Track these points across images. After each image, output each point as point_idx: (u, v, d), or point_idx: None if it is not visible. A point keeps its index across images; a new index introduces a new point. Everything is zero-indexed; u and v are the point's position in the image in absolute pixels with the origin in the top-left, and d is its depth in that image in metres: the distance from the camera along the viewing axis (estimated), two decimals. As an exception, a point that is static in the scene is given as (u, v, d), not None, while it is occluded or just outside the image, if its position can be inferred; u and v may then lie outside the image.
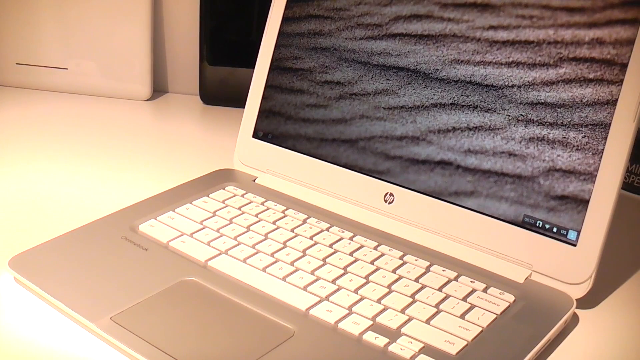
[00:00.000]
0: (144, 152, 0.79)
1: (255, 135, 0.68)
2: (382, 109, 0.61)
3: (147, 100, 0.95)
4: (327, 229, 0.59)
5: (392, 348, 0.46)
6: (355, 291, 0.52)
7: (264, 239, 0.58)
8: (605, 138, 0.51)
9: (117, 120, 0.88)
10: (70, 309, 0.49)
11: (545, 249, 0.53)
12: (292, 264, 0.54)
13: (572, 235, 0.52)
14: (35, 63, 0.94)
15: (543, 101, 0.54)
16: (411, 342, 0.47)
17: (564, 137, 0.53)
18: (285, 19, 0.68)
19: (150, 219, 0.60)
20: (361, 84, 0.62)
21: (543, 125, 0.54)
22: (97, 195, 0.68)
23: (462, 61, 0.58)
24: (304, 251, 0.56)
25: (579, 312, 0.53)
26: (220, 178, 0.68)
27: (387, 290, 0.52)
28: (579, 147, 0.52)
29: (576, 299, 0.52)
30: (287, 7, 0.68)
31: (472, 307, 0.50)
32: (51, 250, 0.55)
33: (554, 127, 0.54)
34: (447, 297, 0.51)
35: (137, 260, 0.55)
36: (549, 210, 0.53)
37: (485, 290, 0.52)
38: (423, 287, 0.52)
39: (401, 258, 0.56)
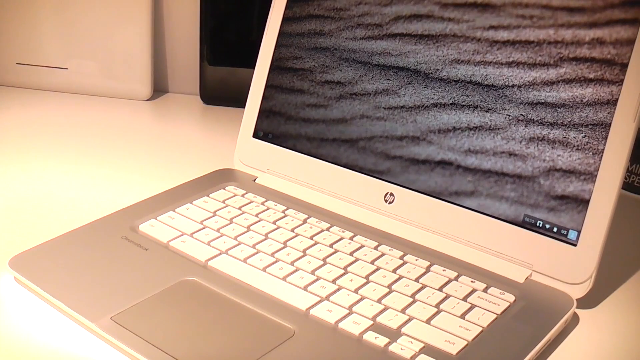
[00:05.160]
0: (144, 152, 0.79)
1: (256, 135, 0.68)
2: (383, 108, 0.61)
3: (147, 100, 0.95)
4: (328, 229, 0.59)
5: (393, 348, 0.46)
6: (356, 291, 0.52)
7: (264, 239, 0.58)
8: (606, 138, 0.51)
9: (117, 120, 0.88)
10: (70, 309, 0.49)
11: (545, 248, 0.53)
12: (292, 263, 0.54)
13: (572, 235, 0.52)
14: (35, 63, 0.94)
15: (543, 101, 0.54)
16: (411, 342, 0.47)
17: (564, 137, 0.53)
18: (286, 19, 0.68)
19: (151, 219, 0.60)
20: (361, 84, 0.62)
21: (543, 125, 0.54)
22: (97, 195, 0.68)
23: (462, 61, 0.58)
24: (304, 251, 0.56)
25: (579, 312, 0.53)
26: (221, 178, 0.68)
27: (388, 290, 0.52)
28: (579, 147, 0.52)
29: (576, 299, 0.52)
30: (287, 7, 0.68)
31: (472, 307, 0.50)
32: (51, 250, 0.55)
33: (554, 127, 0.54)
34: (447, 297, 0.51)
35: (137, 260, 0.55)
36: (549, 210, 0.53)
37: (485, 290, 0.52)
38: (423, 287, 0.52)
39: (401, 258, 0.56)
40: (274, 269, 0.54)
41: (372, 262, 0.55)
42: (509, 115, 0.55)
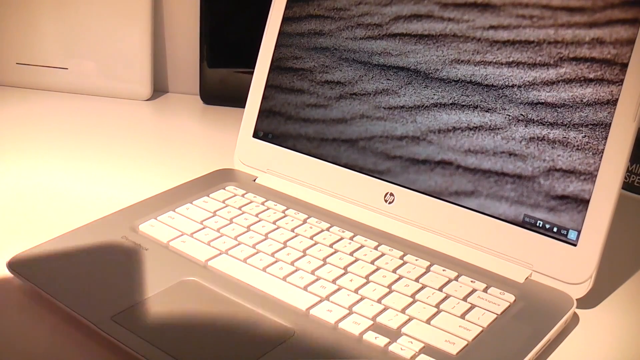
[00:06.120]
0: (144, 152, 0.79)
1: (256, 135, 0.68)
2: (383, 108, 0.61)
3: (147, 100, 0.95)
4: (328, 229, 0.59)
5: (393, 348, 0.46)
6: (356, 291, 0.52)
7: (264, 239, 0.58)
8: (606, 138, 0.51)
9: (117, 120, 0.88)
10: (70, 309, 0.49)
11: (545, 248, 0.53)
12: (292, 263, 0.54)
13: (572, 235, 0.52)
14: (35, 63, 0.94)
15: (543, 101, 0.54)
16: (411, 342, 0.47)
17: (564, 137, 0.53)
18: (286, 19, 0.68)
19: (151, 219, 0.60)
20: (361, 84, 0.62)
21: (543, 125, 0.54)
22: (97, 195, 0.68)
23: (462, 61, 0.58)
24: (304, 251, 0.56)
25: (579, 312, 0.53)
26: (221, 178, 0.68)
27: (388, 290, 0.52)
28: (579, 147, 0.52)
29: (576, 299, 0.52)
30: (287, 7, 0.68)
31: (472, 307, 0.50)
32: (51, 250, 0.55)
33: (554, 127, 0.54)
34: (447, 297, 0.51)
35: (137, 260, 0.55)
36: (549, 210, 0.53)
37: (485, 290, 0.52)
38: (423, 287, 0.52)
39: (401, 258, 0.56)
40: (274, 269, 0.54)
41: (372, 262, 0.55)
42: (509, 115, 0.55)
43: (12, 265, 0.53)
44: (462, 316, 0.49)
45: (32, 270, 0.52)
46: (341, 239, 0.58)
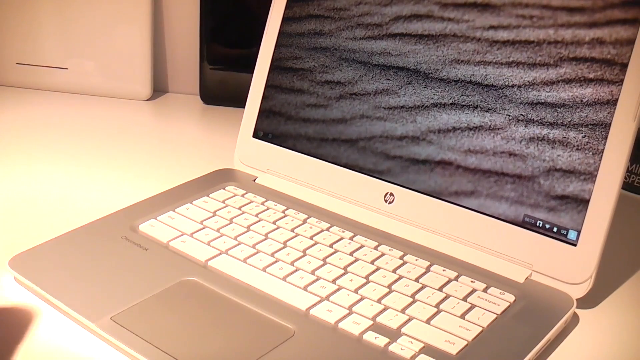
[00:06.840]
0: (144, 152, 0.79)
1: (256, 135, 0.68)
2: (382, 108, 0.61)
3: (147, 100, 0.95)
4: (328, 229, 0.59)
5: (393, 348, 0.46)
6: (356, 291, 0.52)
7: (264, 239, 0.58)
8: (606, 138, 0.51)
9: (117, 120, 0.88)
10: (70, 309, 0.49)
11: (545, 248, 0.53)
12: (292, 263, 0.54)
13: (572, 235, 0.52)
14: (35, 63, 0.94)
15: (543, 101, 0.54)
16: (411, 342, 0.47)
17: (564, 137, 0.53)
18: (286, 19, 0.68)
19: (151, 219, 0.60)
20: (361, 84, 0.62)
21: (543, 125, 0.54)
22: (97, 195, 0.68)
23: (462, 61, 0.58)
24: (304, 251, 0.56)
25: (579, 312, 0.53)
26: (221, 178, 0.68)
27: (388, 290, 0.52)
28: (579, 147, 0.52)
29: (576, 299, 0.52)
30: (287, 7, 0.68)
31: (472, 307, 0.50)
32: (51, 250, 0.55)
33: (554, 127, 0.54)
34: (447, 297, 0.51)
35: (137, 260, 0.55)
36: (549, 210, 0.53)
37: (485, 290, 0.52)
38: (423, 287, 0.52)
39: (401, 258, 0.56)
40: (274, 269, 0.54)
41: (372, 262, 0.55)
42: (509, 115, 0.55)
43: (13, 264, 0.53)
44: (462, 316, 0.49)
45: (32, 270, 0.53)
46: (341, 239, 0.58)
